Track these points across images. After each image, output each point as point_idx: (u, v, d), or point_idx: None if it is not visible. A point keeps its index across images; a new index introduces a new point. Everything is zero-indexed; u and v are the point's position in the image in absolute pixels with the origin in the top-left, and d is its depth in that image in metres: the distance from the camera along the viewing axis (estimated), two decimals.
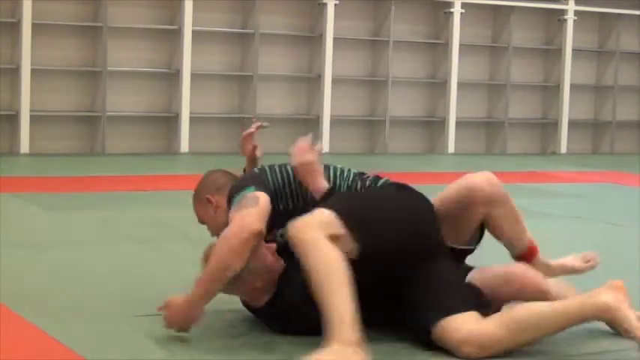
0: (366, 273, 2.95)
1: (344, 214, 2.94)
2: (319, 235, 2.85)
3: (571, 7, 11.38)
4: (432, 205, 3.20)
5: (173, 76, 9.67)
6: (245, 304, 3.26)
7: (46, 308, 3.38)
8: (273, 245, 3.17)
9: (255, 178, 3.23)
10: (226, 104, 10.08)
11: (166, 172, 8.27)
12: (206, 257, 3.14)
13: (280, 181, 3.24)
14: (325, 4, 10.13)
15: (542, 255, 3.46)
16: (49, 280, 3.86)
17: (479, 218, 3.29)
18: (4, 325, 3.14)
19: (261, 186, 3.16)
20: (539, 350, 3.10)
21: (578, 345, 3.19)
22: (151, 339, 3.04)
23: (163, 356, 2.90)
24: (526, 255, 3.40)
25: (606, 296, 3.04)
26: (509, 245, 3.41)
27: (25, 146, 8.99)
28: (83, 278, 3.89)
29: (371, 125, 10.74)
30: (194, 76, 9.66)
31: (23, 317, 3.23)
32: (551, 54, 11.58)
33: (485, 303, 3.11)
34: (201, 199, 3.44)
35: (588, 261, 3.57)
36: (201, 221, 3.46)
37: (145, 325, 3.17)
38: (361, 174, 3.35)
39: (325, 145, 10.12)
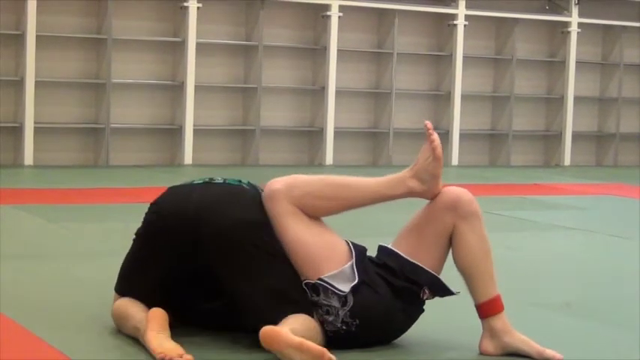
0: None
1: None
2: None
3: (575, 20, 11.39)
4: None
5: (177, 88, 9.69)
6: None
7: (47, 319, 3.39)
8: None
9: None
10: (230, 116, 10.08)
11: (170, 184, 8.23)
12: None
13: None
14: (329, 17, 10.14)
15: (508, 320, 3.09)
16: (51, 291, 3.86)
17: (446, 229, 3.07)
18: (5, 335, 3.14)
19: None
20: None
21: (576, 348, 3.19)
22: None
23: None
24: (491, 305, 3.07)
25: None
26: (470, 279, 3.08)
27: (28, 158, 8.99)
28: (86, 290, 3.89)
29: (375, 137, 10.75)
30: (198, 88, 9.66)
31: (24, 327, 3.23)
32: (554, 66, 11.59)
33: None
34: None
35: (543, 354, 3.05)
36: None
37: None
38: None
39: (329, 157, 10.13)
